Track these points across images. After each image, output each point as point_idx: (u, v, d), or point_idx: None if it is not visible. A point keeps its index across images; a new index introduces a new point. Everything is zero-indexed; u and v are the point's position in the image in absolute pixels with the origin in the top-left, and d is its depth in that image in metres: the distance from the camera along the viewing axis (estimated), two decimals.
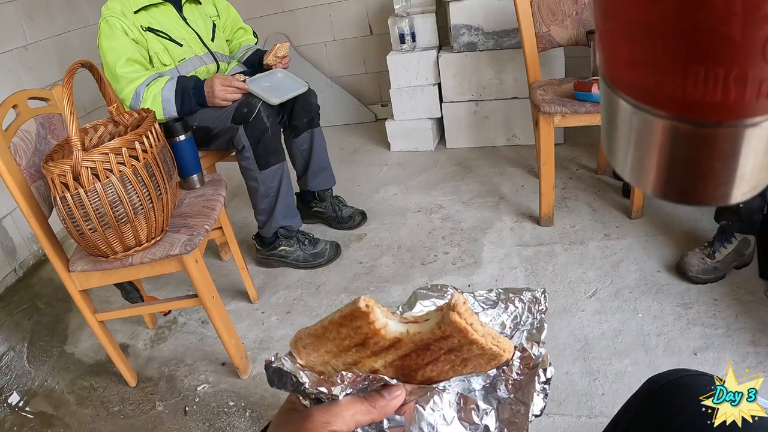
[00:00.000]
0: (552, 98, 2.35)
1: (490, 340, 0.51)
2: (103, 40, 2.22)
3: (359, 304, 0.49)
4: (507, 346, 0.54)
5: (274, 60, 2.53)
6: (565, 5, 2.59)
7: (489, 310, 0.62)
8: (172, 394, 1.98)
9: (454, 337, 0.49)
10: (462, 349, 0.51)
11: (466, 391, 0.58)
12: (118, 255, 1.68)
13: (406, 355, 0.53)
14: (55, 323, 2.51)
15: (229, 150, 2.50)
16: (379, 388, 0.55)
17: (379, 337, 0.50)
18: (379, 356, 0.53)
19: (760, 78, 0.23)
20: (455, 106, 3.50)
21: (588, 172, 3.01)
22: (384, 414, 0.54)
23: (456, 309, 0.48)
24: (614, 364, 1.77)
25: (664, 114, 0.26)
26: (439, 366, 0.54)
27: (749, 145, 0.25)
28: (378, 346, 0.51)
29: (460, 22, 3.28)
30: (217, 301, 1.87)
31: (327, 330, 0.52)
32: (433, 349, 0.52)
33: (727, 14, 0.21)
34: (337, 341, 0.52)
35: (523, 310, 0.62)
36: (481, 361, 0.54)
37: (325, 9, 4.19)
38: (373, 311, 0.49)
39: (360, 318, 0.49)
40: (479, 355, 0.52)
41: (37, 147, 1.81)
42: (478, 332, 0.50)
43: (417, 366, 0.54)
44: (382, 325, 0.50)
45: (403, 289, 2.29)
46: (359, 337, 0.51)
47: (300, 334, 0.55)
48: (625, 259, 2.25)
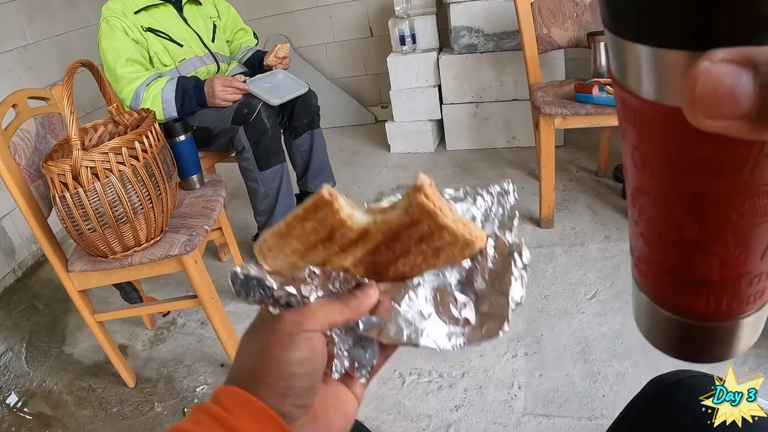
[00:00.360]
0: (552, 100, 2.34)
1: (461, 225, 0.49)
2: (104, 40, 2.22)
3: (322, 192, 0.47)
4: (479, 234, 0.52)
5: (274, 61, 2.53)
6: (565, 7, 2.58)
7: (457, 205, 0.59)
8: (170, 395, 1.97)
9: (423, 222, 0.47)
10: (433, 237, 0.49)
11: (442, 285, 0.55)
12: (117, 255, 1.67)
13: (375, 249, 0.50)
14: (54, 324, 2.51)
15: (229, 151, 2.50)
16: (351, 289, 0.53)
17: (345, 228, 0.48)
18: (348, 252, 0.50)
19: (747, 295, 0.31)
20: (455, 107, 3.50)
21: (588, 174, 3.00)
22: (358, 313, 0.52)
23: (423, 190, 0.46)
24: (615, 365, 1.76)
25: (675, 314, 0.34)
26: (411, 259, 0.51)
27: (743, 328, 0.33)
28: (345, 239, 0.49)
29: (460, 23, 3.28)
30: (216, 302, 1.86)
31: (291, 227, 0.49)
32: (403, 240, 0.49)
33: (708, 268, 0.30)
34: (302, 238, 0.49)
35: (493, 203, 0.60)
36: (453, 251, 0.51)
37: (326, 10, 4.19)
38: (337, 199, 0.47)
39: (324, 208, 0.47)
40: (451, 243, 0.50)
41: (37, 146, 1.80)
42: (448, 216, 0.47)
43: (388, 261, 0.51)
44: (348, 214, 0.48)
45: None
46: (325, 231, 0.48)
47: (264, 235, 0.52)
48: (626, 261, 2.24)
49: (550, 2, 2.58)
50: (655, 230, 0.33)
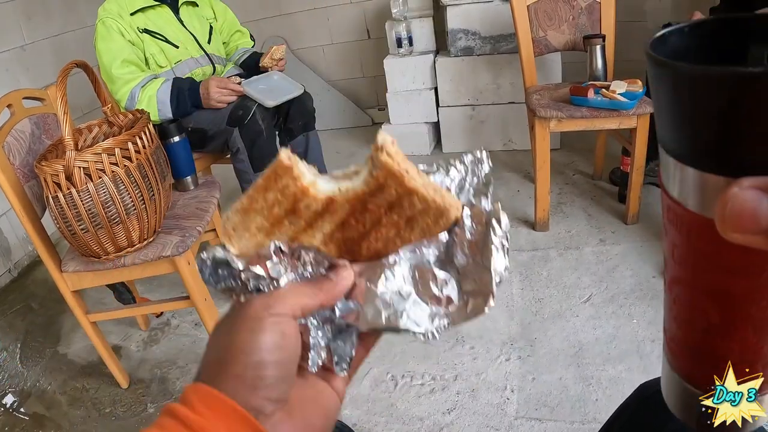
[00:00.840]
0: (548, 103, 2.34)
1: (431, 191, 0.46)
2: (99, 41, 2.21)
3: (281, 157, 0.45)
4: (453, 202, 0.49)
5: (270, 63, 2.53)
6: (561, 10, 2.59)
7: (430, 177, 0.56)
8: (164, 396, 1.97)
9: (390, 186, 0.45)
10: (402, 203, 0.46)
11: (420, 263, 0.51)
12: (110, 256, 1.67)
13: (344, 223, 0.48)
14: (49, 324, 2.50)
15: (224, 152, 2.50)
16: (323, 272, 0.50)
17: (308, 197, 0.46)
18: (315, 228, 0.48)
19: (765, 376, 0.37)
20: (452, 110, 3.50)
21: (584, 177, 3.00)
22: (332, 297, 0.49)
23: (385, 149, 0.44)
24: (608, 369, 1.76)
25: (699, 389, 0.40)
26: (384, 232, 0.49)
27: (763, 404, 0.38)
28: (310, 210, 0.46)
29: (457, 26, 3.28)
30: (209, 304, 1.86)
31: (253, 200, 0.47)
32: (372, 210, 0.47)
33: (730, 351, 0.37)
34: (265, 211, 0.47)
35: (467, 173, 0.57)
36: (427, 221, 0.49)
37: (323, 12, 4.18)
38: (296, 166, 0.45)
39: (284, 175, 0.45)
40: (423, 211, 0.47)
41: (31, 147, 1.80)
42: (416, 180, 0.45)
43: (359, 235, 0.49)
44: (310, 182, 0.45)
45: None
46: (288, 201, 0.46)
47: (227, 214, 0.50)
48: (621, 264, 2.24)
49: (546, 5, 2.58)
50: (686, 315, 0.39)
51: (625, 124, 2.27)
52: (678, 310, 0.39)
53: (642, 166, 2.37)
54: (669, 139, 0.34)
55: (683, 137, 0.32)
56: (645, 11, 3.63)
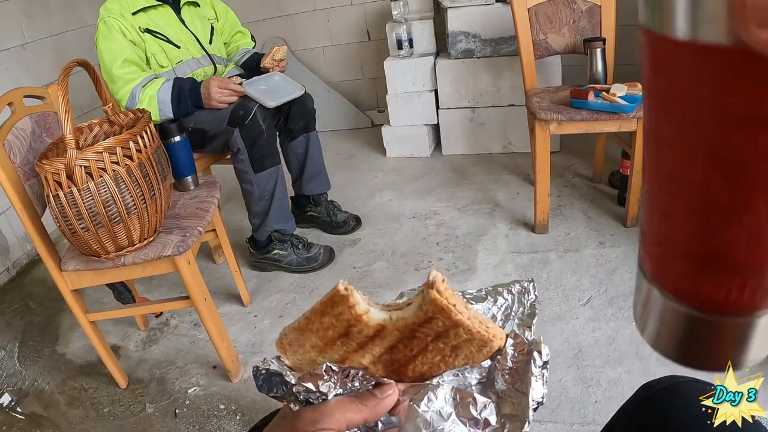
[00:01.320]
0: (548, 105, 2.35)
1: (477, 323, 0.50)
2: (101, 40, 2.21)
3: (338, 288, 0.48)
4: (497, 332, 0.53)
5: (271, 63, 2.53)
6: (562, 13, 2.59)
7: (478, 305, 0.61)
8: (162, 397, 1.97)
9: (437, 318, 0.48)
10: (449, 334, 0.50)
11: (462, 386, 0.55)
12: (110, 255, 1.67)
13: (393, 347, 0.51)
14: (47, 323, 2.50)
15: (224, 152, 2.50)
16: (369, 387, 0.53)
17: (361, 324, 0.49)
18: (366, 350, 0.51)
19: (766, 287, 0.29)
20: (452, 112, 3.50)
21: (583, 180, 3.01)
22: (376, 413, 0.52)
23: (435, 286, 0.47)
24: (608, 371, 1.76)
25: (686, 306, 0.32)
26: (429, 357, 0.52)
27: (759, 329, 0.31)
28: (362, 335, 0.50)
29: (457, 28, 3.28)
30: (209, 304, 1.86)
31: (310, 321, 0.51)
32: (420, 337, 0.50)
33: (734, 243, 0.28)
34: (320, 332, 0.51)
35: (513, 302, 0.61)
36: (471, 349, 0.52)
37: (324, 14, 4.19)
38: (352, 294, 0.48)
39: (341, 303, 0.48)
40: (468, 341, 0.51)
41: (32, 145, 1.80)
42: (463, 314, 0.48)
43: (406, 359, 0.52)
44: (364, 310, 0.49)
45: (397, 294, 2.28)
46: (342, 326, 0.49)
47: (284, 330, 0.54)
48: (620, 267, 2.25)
49: (547, 8, 2.59)
50: (679, 197, 0.30)
51: (625, 127, 2.27)
52: (667, 194, 0.30)
53: (642, 169, 2.37)
54: None
55: None
56: None
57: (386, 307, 0.50)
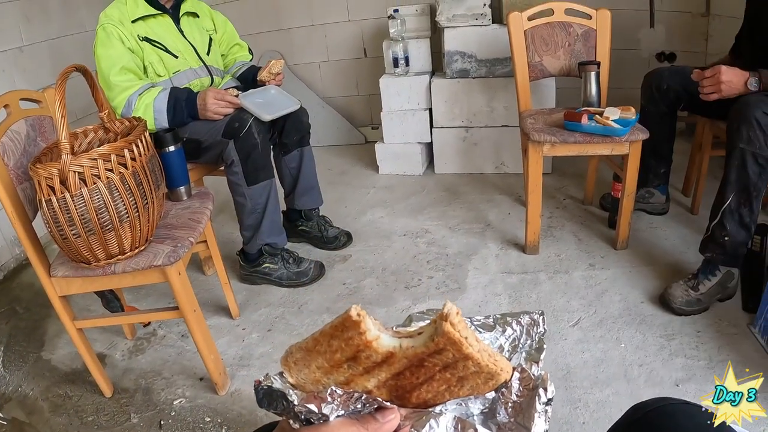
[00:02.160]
0: (542, 127, 2.36)
1: (486, 356, 0.50)
2: (99, 47, 2.22)
3: (350, 313, 0.48)
4: (505, 366, 0.53)
5: (267, 77, 2.54)
6: (558, 36, 2.62)
7: (486, 334, 0.61)
8: (147, 407, 1.95)
9: (448, 350, 0.48)
10: (457, 365, 0.50)
11: (464, 415, 0.55)
12: (100, 262, 1.66)
13: (399, 374, 0.51)
14: (33, 329, 2.48)
15: (218, 164, 2.50)
16: (371, 411, 0.53)
17: (371, 349, 0.49)
18: (372, 374, 0.51)
19: None
20: (445, 131, 3.52)
21: (575, 202, 3.02)
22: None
23: (449, 319, 0.47)
24: (596, 393, 1.76)
25: None
26: (435, 386, 0.52)
27: None
28: (370, 360, 0.50)
29: (454, 48, 3.31)
30: (198, 315, 1.85)
31: (318, 342, 0.51)
32: (428, 366, 0.50)
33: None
34: (327, 354, 0.50)
35: (522, 333, 0.61)
36: (478, 381, 0.52)
37: (321, 29, 4.21)
38: (364, 320, 0.48)
39: (351, 328, 0.48)
40: (476, 373, 0.51)
41: (26, 148, 1.79)
42: (474, 347, 0.48)
43: (411, 386, 0.52)
44: (374, 336, 0.48)
45: (386, 311, 2.28)
46: (350, 350, 0.49)
47: (291, 348, 0.53)
48: (609, 289, 2.25)
49: (543, 31, 2.61)
50: None
51: (618, 150, 2.29)
52: None
53: (633, 193, 2.39)
54: None
55: None
56: (639, 39, 3.68)
57: (396, 334, 0.50)
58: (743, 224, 1.98)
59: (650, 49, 3.69)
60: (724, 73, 2.01)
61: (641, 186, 2.63)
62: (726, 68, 2.03)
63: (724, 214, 1.99)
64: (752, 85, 2.00)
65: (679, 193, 2.96)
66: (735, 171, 1.94)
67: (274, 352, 2.13)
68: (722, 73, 2.01)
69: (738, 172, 1.94)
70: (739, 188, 1.95)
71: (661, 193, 2.72)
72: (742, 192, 1.95)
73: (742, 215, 1.96)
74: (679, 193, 2.97)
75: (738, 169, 1.94)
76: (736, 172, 1.94)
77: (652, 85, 2.48)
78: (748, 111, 1.89)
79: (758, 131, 1.87)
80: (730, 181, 1.96)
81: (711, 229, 2.04)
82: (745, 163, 1.91)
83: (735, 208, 1.97)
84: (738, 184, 1.95)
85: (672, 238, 2.58)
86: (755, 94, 1.97)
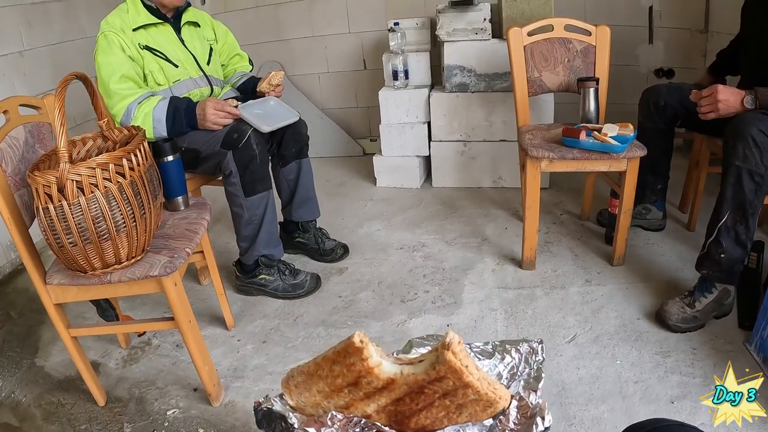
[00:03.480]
0: (540, 143, 2.37)
1: (486, 384, 0.50)
2: (100, 54, 2.22)
3: (353, 339, 0.48)
4: (503, 394, 0.53)
5: (267, 88, 2.54)
6: (557, 52, 2.63)
7: (485, 361, 0.61)
8: (141, 417, 1.94)
9: (448, 378, 0.48)
10: (457, 393, 0.50)
11: None
12: (96, 271, 1.66)
13: (399, 400, 0.51)
14: (27, 335, 2.47)
15: (216, 174, 2.50)
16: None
17: (372, 376, 0.49)
18: (372, 399, 0.51)
19: None
20: (443, 145, 3.53)
21: (572, 217, 3.03)
22: None
23: (451, 348, 0.47)
24: (591, 410, 1.76)
25: None
26: (434, 412, 0.52)
27: None
28: (371, 386, 0.50)
29: (453, 62, 3.32)
30: (193, 326, 1.84)
31: (320, 367, 0.51)
32: (428, 393, 0.50)
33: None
34: (329, 379, 0.51)
35: (520, 361, 0.62)
36: (476, 408, 0.52)
37: (322, 40, 4.23)
38: (367, 347, 0.48)
39: (354, 354, 0.48)
40: (475, 401, 0.51)
41: (24, 155, 1.79)
42: (474, 375, 0.49)
43: (411, 412, 0.52)
44: (376, 363, 0.49)
45: (382, 325, 2.27)
46: (352, 376, 0.49)
47: (292, 372, 0.54)
48: (606, 305, 2.25)
49: (542, 46, 2.62)
50: None
51: (615, 166, 2.29)
52: None
53: (630, 209, 2.39)
54: None
55: None
56: (638, 55, 3.71)
57: (398, 361, 0.51)
58: (739, 241, 1.98)
59: (649, 65, 3.71)
60: (720, 92, 2.03)
61: (638, 202, 2.63)
62: (723, 87, 2.04)
63: (720, 232, 1.99)
64: (748, 103, 2.01)
65: (676, 210, 2.97)
66: (731, 188, 1.95)
67: (268, 363, 2.12)
68: (719, 92, 2.03)
69: (734, 190, 1.94)
70: (735, 205, 1.95)
71: (658, 210, 2.72)
72: (738, 209, 1.95)
73: (738, 232, 1.97)
74: (676, 209, 2.97)
75: (734, 187, 1.94)
76: (731, 190, 1.95)
77: (650, 101, 2.49)
78: (744, 128, 1.90)
79: (754, 148, 1.88)
80: (726, 198, 1.97)
81: (707, 247, 2.04)
82: (741, 180, 1.92)
83: (731, 226, 1.97)
84: (734, 201, 1.95)
85: (668, 254, 2.58)
86: (751, 112, 1.98)
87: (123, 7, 2.33)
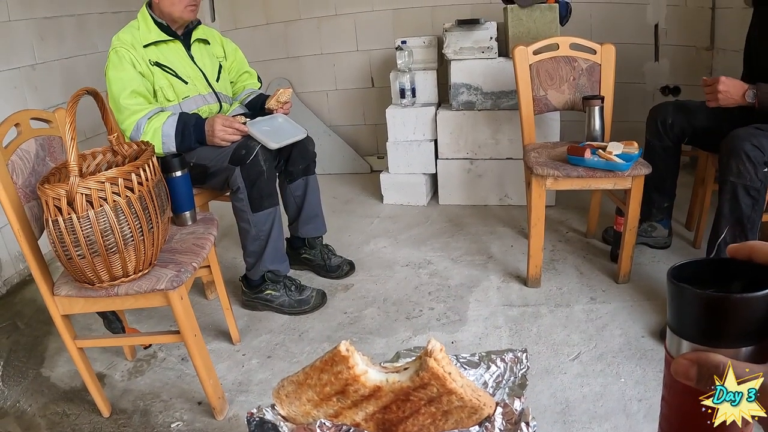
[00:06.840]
0: (545, 161, 2.38)
1: (469, 391, 0.51)
2: (111, 69, 2.25)
3: (340, 348, 0.49)
4: (488, 400, 0.54)
5: (275, 105, 2.57)
6: (563, 70, 2.65)
7: (471, 371, 0.62)
8: (145, 429, 1.94)
9: (432, 385, 0.49)
10: (442, 400, 0.51)
11: None
12: (104, 284, 1.67)
13: (386, 408, 0.52)
14: (34, 345, 2.48)
15: (224, 190, 2.52)
16: None
17: (359, 383, 0.50)
18: (360, 407, 0.52)
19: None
20: (450, 163, 3.54)
21: (577, 235, 3.03)
22: None
23: (433, 355, 0.49)
24: (594, 428, 1.75)
25: None
26: (420, 420, 0.53)
27: None
28: (358, 394, 0.51)
29: (460, 80, 3.35)
30: (198, 340, 1.85)
31: (308, 376, 0.52)
32: (414, 400, 0.51)
33: None
34: (317, 388, 0.52)
35: (506, 370, 0.63)
36: (462, 415, 0.53)
37: (330, 58, 4.27)
38: (353, 356, 0.49)
39: (340, 362, 0.49)
40: (459, 407, 0.52)
41: (35, 168, 1.81)
42: (457, 382, 0.50)
43: (398, 419, 0.53)
44: (362, 371, 0.50)
45: (386, 342, 2.28)
46: (340, 384, 0.51)
47: (282, 381, 0.55)
48: (610, 323, 2.25)
49: (548, 65, 2.64)
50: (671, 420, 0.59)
51: (620, 184, 2.30)
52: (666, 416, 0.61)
53: (635, 227, 2.40)
54: (674, 323, 0.56)
55: (683, 324, 0.55)
56: (643, 73, 3.72)
57: (384, 369, 0.52)
58: None
59: (655, 83, 3.73)
60: (722, 82, 2.05)
61: (644, 220, 2.64)
62: (726, 79, 2.06)
63: (720, 248, 1.99)
64: (749, 97, 2.02)
65: (682, 227, 2.97)
66: (727, 204, 1.96)
67: (273, 378, 2.13)
68: (720, 83, 2.05)
69: (730, 206, 1.95)
70: (732, 221, 1.96)
71: (663, 227, 2.72)
72: (736, 225, 1.96)
73: None
74: (682, 227, 2.97)
75: (730, 203, 1.95)
76: (728, 206, 1.96)
77: (657, 120, 2.50)
78: (737, 144, 1.91)
79: (747, 164, 1.89)
80: (724, 214, 1.97)
81: None
82: (737, 195, 1.93)
83: (730, 242, 1.97)
84: (731, 217, 1.96)
85: None
86: (745, 128, 2.00)
87: (134, 23, 2.37)
